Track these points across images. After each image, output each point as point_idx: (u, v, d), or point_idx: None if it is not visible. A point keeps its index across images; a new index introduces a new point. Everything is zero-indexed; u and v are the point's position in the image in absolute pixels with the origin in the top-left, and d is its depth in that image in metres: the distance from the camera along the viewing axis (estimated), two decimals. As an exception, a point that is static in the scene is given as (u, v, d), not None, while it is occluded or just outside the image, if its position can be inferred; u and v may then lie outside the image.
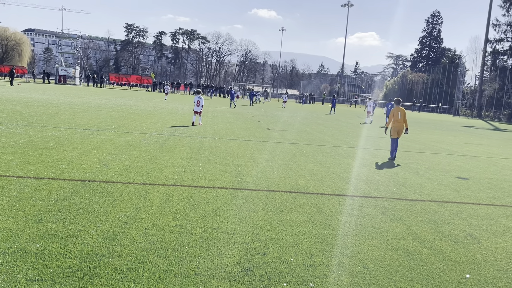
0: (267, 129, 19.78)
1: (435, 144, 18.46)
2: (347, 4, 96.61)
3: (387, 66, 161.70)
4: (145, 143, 12.07)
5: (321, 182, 8.71)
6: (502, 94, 69.33)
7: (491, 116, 68.33)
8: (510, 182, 10.37)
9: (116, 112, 22.09)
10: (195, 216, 5.88)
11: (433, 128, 31.18)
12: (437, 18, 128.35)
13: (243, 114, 30.08)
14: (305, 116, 34.30)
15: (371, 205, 7.22)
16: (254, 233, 5.39)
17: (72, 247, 4.54)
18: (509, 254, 5.33)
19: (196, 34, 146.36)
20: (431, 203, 7.70)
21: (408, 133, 14.55)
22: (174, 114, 23.90)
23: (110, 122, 16.91)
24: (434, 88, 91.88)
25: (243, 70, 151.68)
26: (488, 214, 7.17)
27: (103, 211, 5.77)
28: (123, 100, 34.29)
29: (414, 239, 5.65)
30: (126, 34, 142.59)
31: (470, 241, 5.74)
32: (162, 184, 7.50)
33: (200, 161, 10.03)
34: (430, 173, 10.87)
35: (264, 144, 14.16)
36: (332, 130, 22.17)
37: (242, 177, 8.64)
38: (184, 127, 17.14)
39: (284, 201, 6.99)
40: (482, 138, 25.00)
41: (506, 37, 72.23)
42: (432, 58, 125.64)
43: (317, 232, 5.61)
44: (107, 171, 8.16)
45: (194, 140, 13.65)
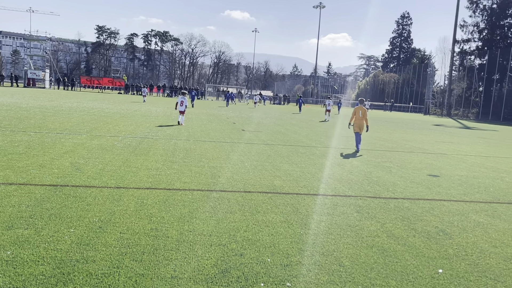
0: (242, 130, 19.79)
1: (407, 143, 18.80)
2: (319, 5, 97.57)
3: (359, 66, 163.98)
4: (119, 146, 11.92)
5: (296, 182, 8.76)
6: (470, 93, 71.17)
7: (460, 114, 70.04)
8: (479, 179, 10.65)
9: (88, 115, 21.73)
10: (171, 219, 5.84)
11: (404, 127, 31.76)
12: (406, 19, 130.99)
13: (218, 115, 30.01)
14: (279, 117, 34.45)
15: (345, 203, 7.31)
16: (231, 235, 5.39)
17: (44, 254, 4.44)
18: (479, 249, 5.47)
19: (168, 35, 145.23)
20: (404, 200, 7.84)
21: (377, 132, 14.89)
22: (148, 117, 23.66)
23: (82, 125, 16.62)
24: (405, 88, 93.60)
25: (217, 72, 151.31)
26: (459, 210, 7.35)
27: (76, 216, 5.67)
28: (95, 103, 33.76)
29: (388, 236, 5.74)
30: (97, 36, 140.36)
31: (442, 237, 5.87)
32: (137, 188, 7.41)
33: (175, 163, 9.96)
34: (402, 171, 11.07)
35: (239, 145, 14.16)
36: (306, 130, 22.33)
37: (218, 178, 8.62)
38: (158, 130, 16.99)
39: (260, 202, 7.01)
40: (452, 136, 25.60)
41: (473, 37, 74.22)
42: (402, 58, 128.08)
43: (293, 232, 5.64)
44: (80, 175, 8.02)
45: (168, 142, 13.55)
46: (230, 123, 23.82)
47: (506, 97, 62.44)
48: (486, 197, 8.57)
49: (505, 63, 64.27)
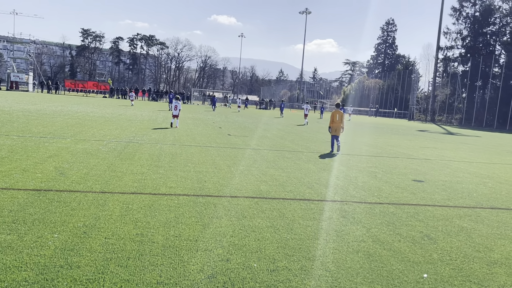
0: (228, 135, 19.76)
1: (392, 148, 18.97)
2: (305, 11, 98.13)
3: (344, 72, 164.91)
4: (103, 151, 11.81)
5: (282, 187, 8.77)
6: (453, 99, 72.18)
7: (444, 120, 70.94)
8: (462, 184, 10.78)
9: (72, 119, 21.51)
10: (157, 224, 5.80)
11: (389, 132, 32.04)
12: (391, 26, 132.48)
13: (204, 120, 29.94)
14: (266, 121, 34.50)
15: (331, 208, 7.33)
16: (217, 240, 5.36)
17: (28, 259, 4.37)
18: (463, 254, 5.53)
19: (154, 39, 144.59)
20: (389, 205, 7.90)
21: (362, 138, 15.07)
22: (133, 121, 23.50)
23: (66, 129, 16.44)
24: (390, 94, 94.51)
25: (203, 76, 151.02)
26: (443, 215, 7.43)
27: (60, 221, 5.60)
28: (79, 107, 33.43)
29: (373, 241, 5.78)
30: (82, 39, 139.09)
31: (427, 241, 5.92)
32: (122, 192, 7.35)
33: (161, 168, 9.90)
34: (387, 176, 11.15)
35: (225, 150, 14.13)
36: (292, 135, 22.39)
37: (204, 183, 8.59)
38: (144, 134, 16.88)
39: (247, 207, 7.00)
40: (436, 141, 25.90)
41: (456, 44, 75.45)
42: (387, 64, 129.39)
43: (280, 237, 5.64)
44: (64, 180, 7.92)
45: (153, 147, 13.47)
46: (216, 127, 23.78)
47: (489, 103, 63.46)
48: (469, 202, 8.68)
49: (487, 70, 65.34)
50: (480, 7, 72.34)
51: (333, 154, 15.04)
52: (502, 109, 60.03)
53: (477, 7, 72.91)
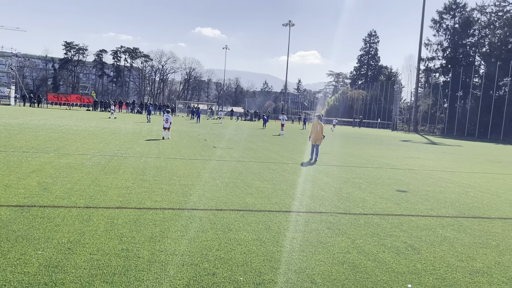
0: (214, 147, 19.76)
1: (376, 159, 19.16)
2: (289, 23, 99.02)
3: (328, 83, 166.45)
4: (87, 165, 11.72)
5: (268, 199, 8.81)
6: (435, 109, 73.30)
7: (427, 130, 71.91)
8: (445, 194, 10.94)
9: (55, 133, 21.30)
10: (142, 238, 5.78)
11: (373, 143, 32.35)
12: (374, 37, 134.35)
13: (189, 132, 29.89)
14: (250, 133, 34.57)
15: (316, 220, 7.38)
16: (203, 254, 5.36)
17: (11, 277, 4.32)
18: (446, 263, 5.62)
19: (138, 52, 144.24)
20: (374, 216, 7.98)
21: (346, 149, 15.18)
22: (117, 134, 23.35)
23: (49, 143, 16.28)
24: (373, 104, 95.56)
25: (188, 88, 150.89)
26: (426, 225, 7.53)
27: (44, 238, 5.54)
28: (62, 121, 33.12)
29: (358, 252, 5.83)
30: (65, 52, 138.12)
31: (411, 252, 6.00)
32: (107, 207, 7.30)
33: (146, 182, 9.86)
34: (372, 187, 11.27)
35: (210, 162, 14.13)
36: (278, 147, 22.48)
37: (189, 196, 8.58)
38: (128, 147, 16.79)
39: (232, 220, 7.01)
40: (419, 152, 26.23)
41: (437, 55, 76.83)
42: (370, 75, 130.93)
43: (266, 250, 5.66)
44: (48, 195, 7.84)
45: (138, 160, 13.41)
46: (201, 140, 23.76)
47: (470, 113, 64.55)
48: (452, 212, 8.81)
49: (467, 80, 66.59)
50: (459, 19, 73.96)
51: (318, 165, 15.14)
52: (482, 119, 61.12)
53: (457, 19, 74.54)
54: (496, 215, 8.79)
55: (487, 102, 60.67)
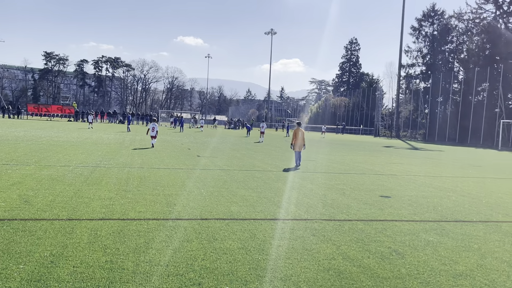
0: (197, 156, 19.69)
1: (359, 165, 19.31)
2: (271, 32, 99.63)
3: (311, 91, 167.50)
4: (69, 176, 11.57)
5: (253, 208, 8.80)
6: (416, 115, 74.30)
7: (408, 136, 72.79)
8: (428, 198, 11.07)
9: (36, 144, 21.00)
10: (126, 250, 5.72)
11: (356, 149, 32.62)
12: (355, 44, 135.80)
13: (172, 141, 29.75)
14: (235, 141, 34.56)
15: (302, 227, 7.40)
16: (188, 264, 5.33)
17: (-8, 293, 4.24)
18: (430, 267, 5.68)
19: (120, 61, 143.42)
20: (358, 222, 8.03)
21: (330, 155, 15.31)
22: (100, 145, 23.13)
23: (30, 155, 16.04)
24: (356, 111, 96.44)
25: (170, 97, 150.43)
26: (410, 230, 7.61)
27: (26, 251, 5.45)
28: (43, 132, 32.69)
29: (344, 258, 5.86)
30: (45, 62, 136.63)
31: (395, 257, 6.05)
32: (90, 219, 7.21)
33: (129, 192, 9.78)
34: (355, 193, 11.35)
35: (194, 171, 14.08)
36: (262, 154, 22.50)
37: (174, 206, 8.53)
38: (111, 158, 16.63)
39: (218, 229, 6.98)
40: (402, 157, 26.53)
41: (417, 62, 78.03)
42: (352, 82, 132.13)
43: (251, 258, 5.65)
44: (29, 208, 7.72)
45: (121, 171, 13.29)
46: (185, 149, 23.66)
47: (450, 118, 65.57)
48: (434, 216, 8.92)
49: (447, 86, 67.70)
50: (437, 26, 75.33)
51: (302, 172, 15.20)
52: (463, 124, 62.12)
53: (435, 26, 75.90)
54: (478, 219, 8.93)
55: (467, 107, 61.73)
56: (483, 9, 68.41)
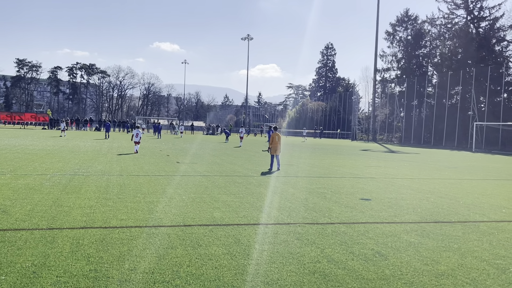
0: (177, 162, 19.57)
1: (338, 168, 19.49)
2: (247, 37, 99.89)
3: (288, 96, 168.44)
4: (47, 185, 11.36)
5: (236, 213, 8.80)
6: (392, 118, 75.43)
7: (385, 139, 73.80)
8: (407, 200, 11.25)
9: (10, 153, 20.56)
10: (110, 258, 5.65)
11: (334, 153, 32.91)
12: (330, 50, 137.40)
13: (151, 148, 29.48)
14: (214, 147, 34.47)
15: (285, 231, 7.43)
16: (174, 270, 5.30)
17: (-27, 306, 4.13)
18: (413, 268, 5.77)
19: (95, 68, 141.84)
20: (340, 225, 8.11)
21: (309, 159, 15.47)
22: (76, 152, 22.78)
23: (4, 164, 15.69)
24: (333, 115, 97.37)
25: (147, 104, 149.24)
26: (391, 232, 7.72)
27: (6, 262, 5.33)
28: (17, 140, 32.02)
29: (328, 261, 5.91)
30: (17, 69, 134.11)
31: (378, 258, 6.13)
32: (71, 228, 7.10)
33: (109, 200, 9.66)
34: (336, 196, 11.45)
35: (175, 178, 13.99)
36: (242, 160, 22.50)
37: (156, 213, 8.46)
38: (89, 166, 16.39)
39: (201, 235, 6.96)
40: (379, 160, 26.88)
41: (392, 66, 79.42)
42: (328, 87, 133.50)
43: (237, 263, 5.65)
44: (7, 218, 7.55)
45: (100, 178, 13.11)
46: (164, 155, 23.49)
47: (425, 121, 66.80)
48: (414, 218, 9.07)
49: (422, 89, 69.00)
50: (411, 31, 76.85)
51: (283, 177, 15.25)
52: (437, 127, 63.36)
53: (409, 31, 77.42)
54: (456, 219, 9.11)
55: (441, 110, 63.01)
56: (455, 14, 70.13)
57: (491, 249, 6.84)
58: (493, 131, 53.15)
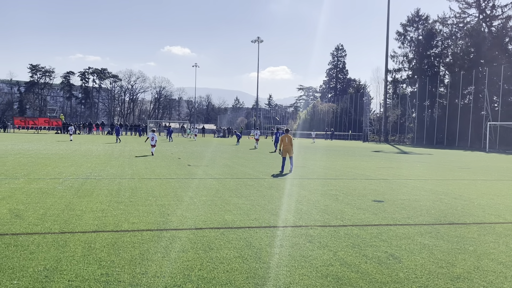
0: (188, 165, 19.59)
1: (350, 170, 19.36)
2: (257, 40, 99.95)
3: (298, 97, 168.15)
4: (60, 189, 11.43)
5: (247, 216, 8.75)
6: (404, 119, 74.86)
7: (397, 140, 73.26)
8: (420, 202, 11.11)
9: (24, 157, 20.75)
10: (121, 262, 5.63)
11: (346, 154, 32.73)
12: (341, 51, 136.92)
13: (162, 151, 29.59)
14: (225, 150, 34.49)
15: (297, 234, 7.37)
16: (185, 274, 5.27)
17: (-14, 310, 4.14)
18: (427, 271, 5.67)
19: (107, 72, 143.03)
20: (353, 227, 8.02)
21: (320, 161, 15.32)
22: (89, 156, 22.93)
23: (18, 169, 15.83)
24: (344, 117, 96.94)
25: (158, 107, 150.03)
26: (405, 234, 7.61)
27: (19, 267, 5.34)
28: (31, 145, 32.34)
29: (341, 264, 5.84)
30: (31, 75, 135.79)
31: (392, 261, 6.04)
32: (83, 232, 7.11)
33: (121, 203, 9.68)
34: (348, 198, 11.35)
35: (186, 181, 14.00)
36: (253, 162, 22.47)
37: (167, 217, 8.45)
38: (101, 169, 16.48)
39: (213, 238, 6.92)
40: (391, 161, 26.65)
41: (403, 67, 78.78)
42: (339, 88, 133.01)
43: (248, 267, 5.60)
44: (20, 222, 7.59)
45: (112, 182, 13.16)
46: (175, 158, 23.55)
47: (437, 122, 66.19)
48: (428, 219, 8.95)
49: (434, 90, 68.39)
50: (422, 31, 76.20)
51: (294, 179, 15.18)
52: (450, 127, 62.74)
53: (420, 31, 76.78)
54: (471, 221, 8.97)
55: (454, 111, 62.39)
56: (467, 14, 69.49)
57: (508, 251, 6.71)
58: (507, 131, 52.47)
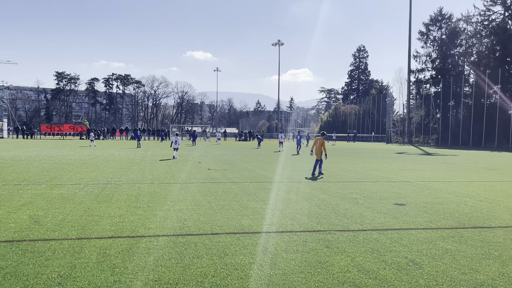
0: (208, 169, 19.59)
1: (372, 173, 19.05)
2: (278, 43, 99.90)
3: (320, 100, 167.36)
4: (80, 195, 11.53)
5: (264, 220, 8.64)
6: (428, 120, 73.61)
7: (421, 141, 72.08)
8: (444, 205, 10.81)
9: (48, 163, 21.10)
10: (135, 268, 5.59)
11: (368, 157, 32.29)
12: (363, 52, 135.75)
13: (183, 155, 29.71)
14: (245, 153, 34.44)
15: (314, 239, 7.22)
16: (198, 281, 5.19)
17: (-3, 318, 4.13)
18: (449, 277, 5.46)
19: (130, 78, 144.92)
20: (373, 232, 7.83)
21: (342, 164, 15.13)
22: (111, 161, 23.17)
23: (41, 175, 16.07)
24: (366, 118, 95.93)
25: (181, 112, 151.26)
26: (426, 238, 7.38)
27: (33, 273, 5.35)
28: (55, 151, 32.91)
29: (359, 270, 5.67)
30: (57, 82, 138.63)
31: (412, 267, 5.84)
32: (99, 237, 7.11)
33: (139, 209, 9.68)
34: (369, 201, 11.13)
35: (205, 185, 13.97)
36: (273, 165, 22.34)
37: (184, 222, 8.40)
38: (121, 175, 16.60)
39: (228, 244, 6.83)
40: (415, 163, 26.16)
41: (427, 67, 77.49)
42: (361, 90, 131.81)
43: (263, 274, 5.49)
44: (39, 228, 7.65)
45: (132, 187, 13.22)
46: (196, 162, 23.59)
47: (463, 122, 64.85)
48: (451, 223, 8.67)
49: (458, 90, 67.09)
50: (445, 30, 74.88)
51: (314, 182, 15.00)
52: (476, 127, 61.39)
53: (443, 30, 75.46)
54: (497, 224, 8.66)
55: (479, 111, 61.02)
56: (491, 11, 68.01)
57: (535, 256, 6.42)
58: (536, 130, 51.00)
